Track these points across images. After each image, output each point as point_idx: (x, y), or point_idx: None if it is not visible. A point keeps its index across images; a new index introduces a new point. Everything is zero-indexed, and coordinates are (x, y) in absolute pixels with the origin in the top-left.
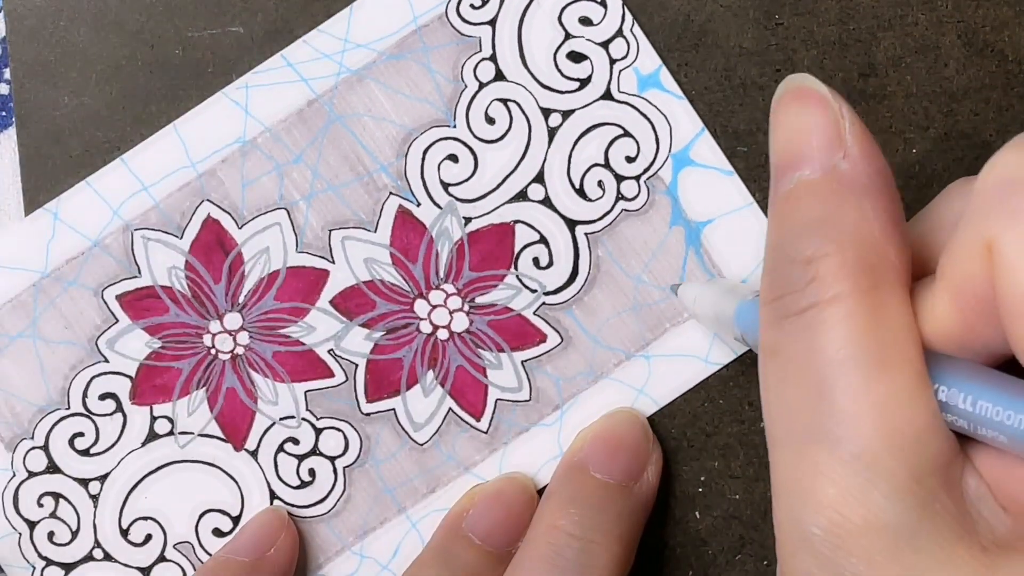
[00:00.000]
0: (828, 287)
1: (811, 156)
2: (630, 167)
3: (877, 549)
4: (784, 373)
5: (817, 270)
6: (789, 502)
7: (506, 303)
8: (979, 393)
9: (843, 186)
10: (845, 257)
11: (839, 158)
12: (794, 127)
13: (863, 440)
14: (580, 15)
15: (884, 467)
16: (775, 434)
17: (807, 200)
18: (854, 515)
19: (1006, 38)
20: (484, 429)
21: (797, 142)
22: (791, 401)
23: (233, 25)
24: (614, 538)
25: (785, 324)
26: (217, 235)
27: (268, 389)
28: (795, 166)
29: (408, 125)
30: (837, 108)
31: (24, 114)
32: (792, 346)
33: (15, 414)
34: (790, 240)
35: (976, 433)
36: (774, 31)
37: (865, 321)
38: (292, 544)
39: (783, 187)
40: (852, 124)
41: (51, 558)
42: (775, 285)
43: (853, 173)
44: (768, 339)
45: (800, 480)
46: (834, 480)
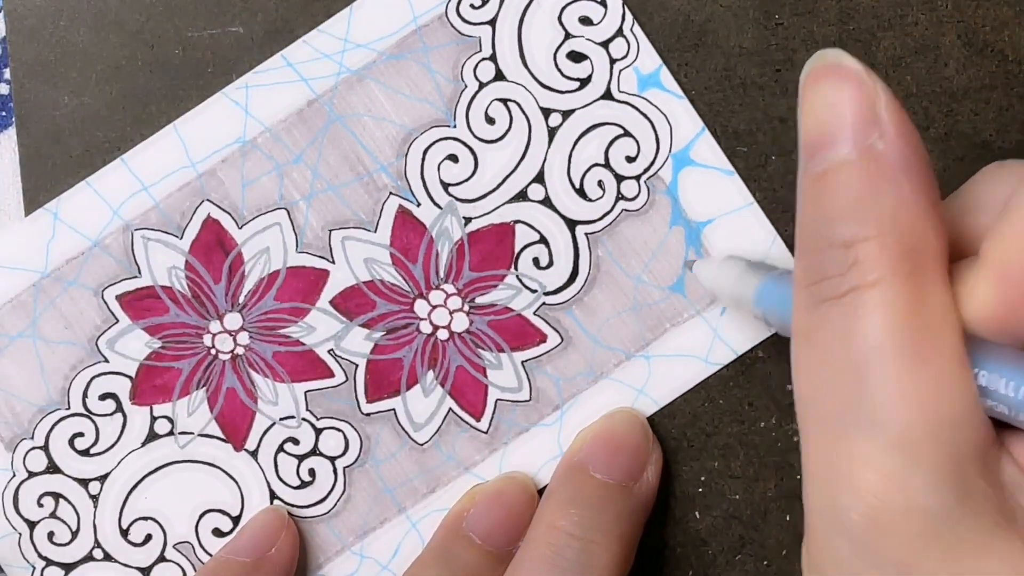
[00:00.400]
0: (869, 271)
1: (845, 135)
2: (630, 167)
3: (916, 534)
4: (821, 358)
5: (858, 254)
6: (824, 487)
7: (506, 303)
8: (1022, 379)
9: (880, 167)
10: (885, 241)
11: (875, 137)
12: (827, 104)
13: (903, 426)
14: (580, 15)
15: (924, 453)
16: (809, 419)
17: (843, 181)
18: (894, 501)
19: (1006, 38)
20: (484, 429)
21: (830, 120)
22: (827, 386)
23: (233, 25)
24: (614, 538)
25: (822, 308)
26: (217, 235)
27: (268, 389)
28: (828, 145)
29: (408, 125)
30: (872, 85)
31: (24, 114)
32: (830, 330)
33: (15, 414)
34: (827, 223)
35: (1018, 419)
36: (774, 31)
37: (906, 306)
38: (292, 544)
39: (816, 167)
40: (888, 102)
41: (51, 558)
42: (812, 269)
43: (890, 153)
44: (804, 323)
45: (836, 465)
46: (873, 465)
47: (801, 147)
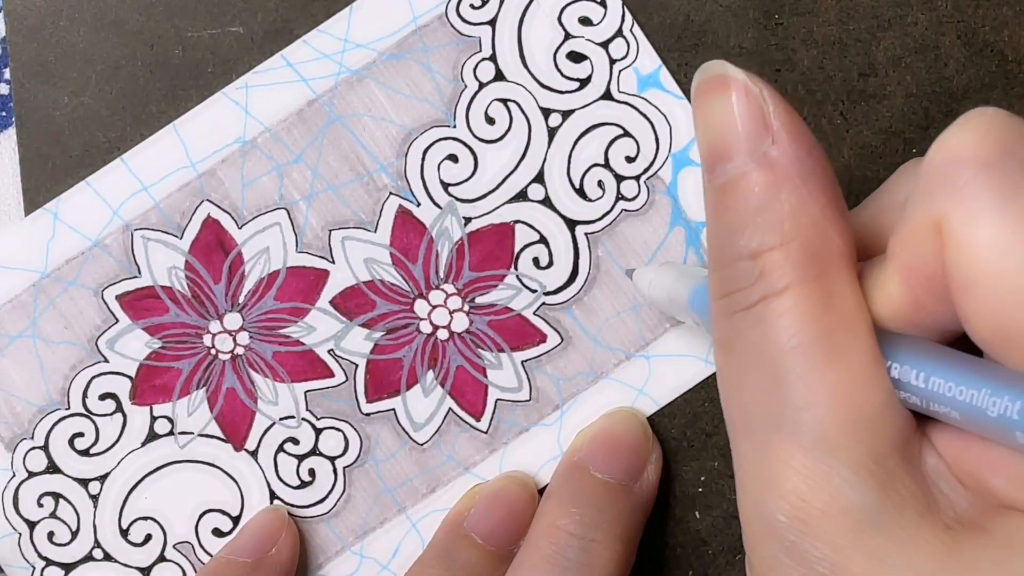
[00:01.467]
0: (776, 280)
1: (739, 146)
2: (630, 167)
3: (841, 532)
4: (740, 366)
5: (764, 264)
6: (753, 492)
7: (506, 303)
8: (931, 370)
9: (776, 174)
10: (790, 248)
11: (768, 145)
12: (717, 117)
13: (821, 425)
14: (580, 15)
15: (843, 450)
16: (735, 426)
17: (742, 192)
18: (816, 500)
19: (1006, 38)
20: (484, 429)
21: (723, 133)
22: (748, 393)
23: (233, 25)
24: (615, 537)
25: (736, 319)
26: (217, 235)
27: (268, 389)
28: (725, 158)
29: (408, 125)
30: (758, 92)
31: (24, 114)
32: (745, 340)
33: (15, 414)
34: (732, 235)
35: (929, 410)
36: (774, 31)
37: (815, 308)
38: (293, 544)
39: (716, 180)
40: (776, 107)
41: (51, 558)
42: (723, 282)
43: (784, 159)
44: (721, 334)
45: (762, 469)
46: (795, 467)
47: (701, 162)
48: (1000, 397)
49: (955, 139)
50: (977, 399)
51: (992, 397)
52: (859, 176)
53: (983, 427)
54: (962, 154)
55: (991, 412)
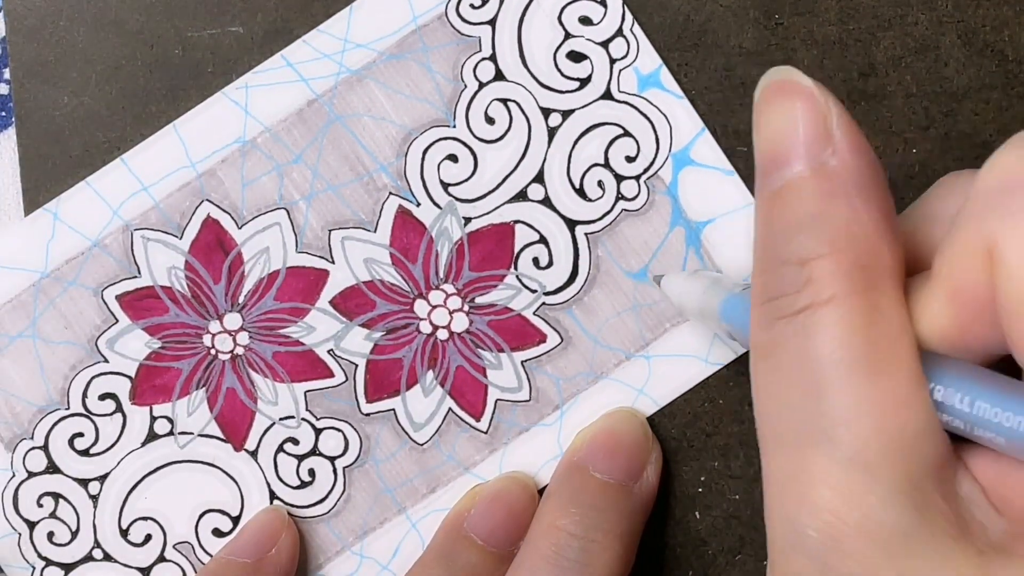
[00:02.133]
0: (823, 289)
1: (798, 153)
2: (630, 167)
3: (872, 552)
4: (778, 375)
5: (812, 272)
6: (783, 504)
7: (506, 303)
8: (977, 393)
9: (833, 183)
10: (839, 258)
11: (828, 154)
12: (780, 123)
13: (859, 442)
14: (580, 15)
15: (880, 469)
16: (768, 436)
17: (797, 199)
18: (850, 518)
19: (1006, 38)
20: (484, 429)
21: (783, 138)
22: (785, 403)
23: (233, 25)
24: (615, 537)
25: (779, 325)
26: (217, 235)
27: (268, 389)
28: (782, 163)
29: (408, 125)
30: (824, 101)
31: (24, 114)
32: (786, 348)
33: (15, 414)
34: (782, 241)
35: (972, 434)
36: (774, 31)
37: (861, 322)
38: (293, 544)
39: (771, 185)
40: (840, 118)
41: (51, 558)
42: (768, 287)
43: (843, 169)
44: (761, 340)
45: (795, 482)
46: (829, 482)
47: (757, 166)
48: None
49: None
50: None
51: None
52: None
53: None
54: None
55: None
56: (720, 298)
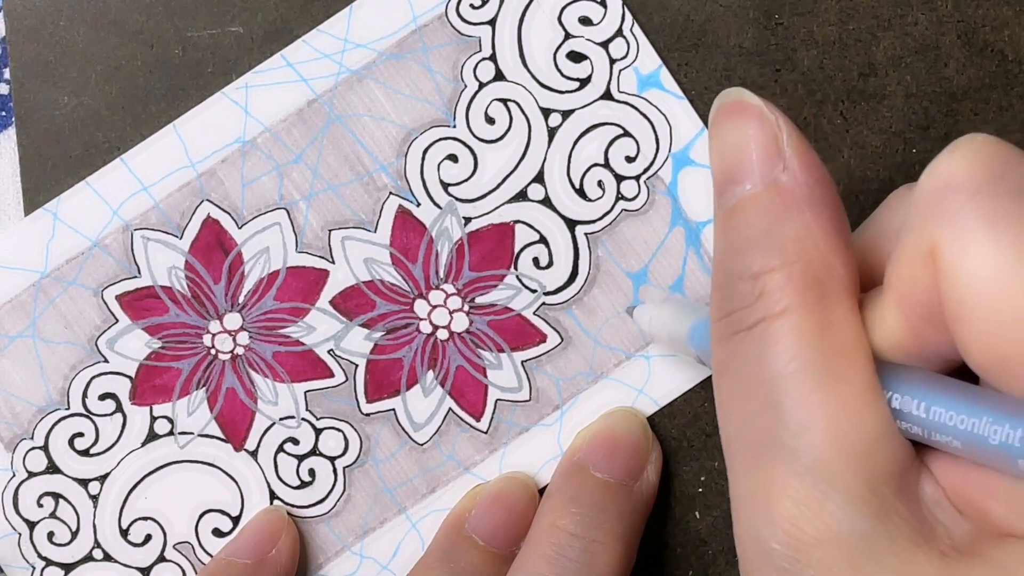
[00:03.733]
0: (775, 302)
1: (751, 170)
2: (630, 167)
3: (834, 561)
4: (736, 388)
5: (764, 285)
6: (748, 517)
7: (506, 303)
8: (932, 399)
9: (784, 198)
10: (791, 271)
11: (779, 170)
12: (732, 142)
13: (816, 452)
14: (580, 15)
15: (838, 478)
16: (731, 450)
17: (750, 215)
18: (810, 528)
19: (1006, 38)
20: (484, 429)
21: (736, 156)
22: (744, 416)
23: (233, 25)
24: (616, 537)
25: (735, 340)
26: (217, 235)
27: (268, 389)
28: (736, 181)
29: (408, 125)
30: (774, 120)
31: (24, 114)
32: (742, 361)
33: (15, 414)
34: (735, 256)
35: (931, 439)
36: (774, 31)
37: (813, 334)
38: (293, 544)
39: (725, 203)
40: (790, 135)
41: (51, 558)
42: (723, 302)
43: (793, 185)
44: (719, 356)
45: (757, 495)
46: (789, 494)
47: (713, 185)
48: (1001, 425)
49: (946, 165)
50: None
51: (993, 425)
52: (859, 176)
53: (985, 455)
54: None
55: (992, 440)
56: (688, 324)
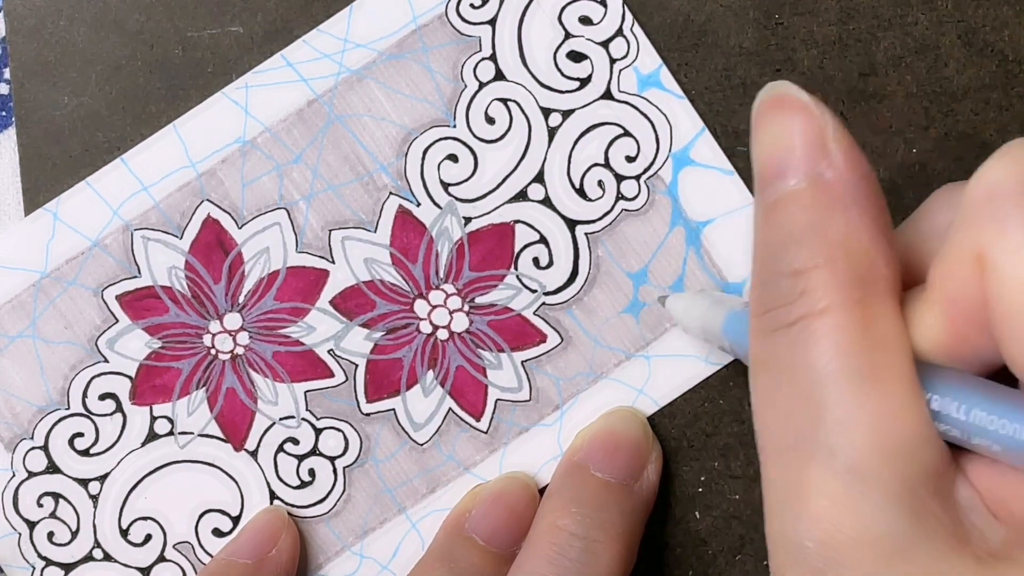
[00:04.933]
0: (818, 299)
1: (795, 165)
2: (630, 167)
3: (870, 561)
4: (775, 385)
5: (807, 282)
6: (782, 515)
7: (506, 303)
8: (973, 402)
9: (829, 195)
10: (834, 268)
11: (824, 166)
12: (777, 136)
13: (855, 451)
14: (580, 14)
15: (876, 478)
16: (766, 446)
17: (793, 211)
18: (846, 527)
19: (1006, 38)
20: (484, 429)
21: (780, 152)
22: (782, 413)
23: (233, 25)
24: (616, 537)
25: (775, 336)
26: (217, 235)
27: (268, 389)
28: (779, 176)
29: (408, 125)
30: (820, 115)
31: (24, 114)
32: (783, 358)
33: (15, 414)
34: (778, 252)
35: (969, 442)
36: (774, 31)
37: (855, 332)
38: (293, 544)
39: (768, 197)
40: (836, 131)
41: (51, 558)
42: (764, 298)
43: (839, 182)
44: (758, 351)
45: (792, 492)
46: (826, 492)
47: (755, 179)
48: None
49: (995, 170)
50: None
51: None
52: None
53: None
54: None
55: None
56: (723, 315)
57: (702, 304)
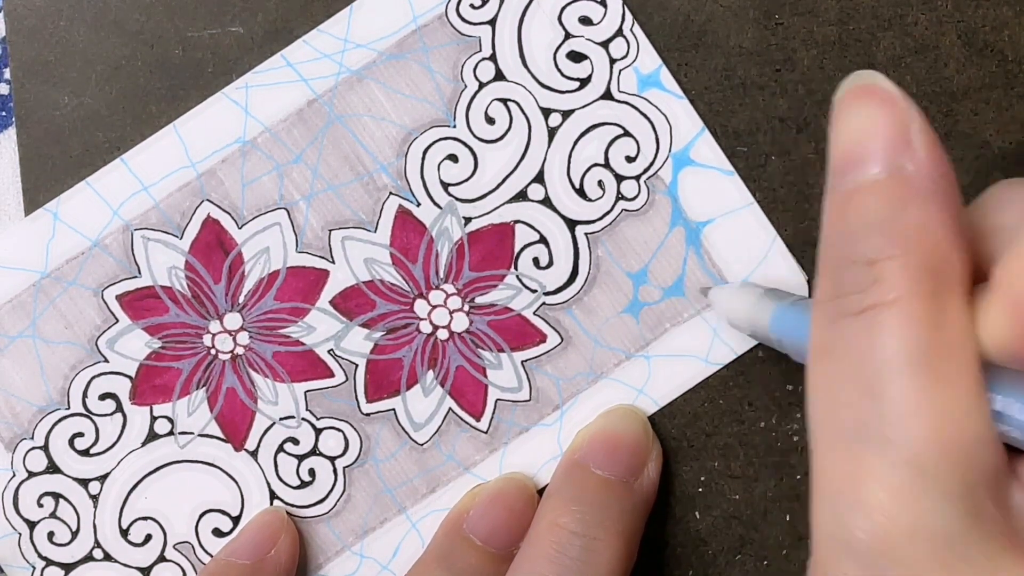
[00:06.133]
0: (890, 289)
1: (876, 155)
2: (630, 167)
3: (924, 557)
4: (835, 372)
5: (880, 272)
6: (833, 504)
7: (506, 303)
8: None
9: (908, 188)
10: (909, 260)
11: (906, 159)
12: (860, 125)
13: (917, 445)
14: (580, 15)
15: (936, 474)
16: (822, 434)
17: (871, 200)
18: (902, 520)
19: (1006, 38)
20: (484, 429)
21: (862, 140)
22: (843, 401)
23: (233, 25)
24: (616, 534)
25: (841, 324)
26: (217, 235)
27: (268, 389)
28: (859, 165)
29: (408, 125)
30: (906, 108)
31: (24, 114)
32: (848, 346)
33: (15, 414)
34: (852, 241)
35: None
36: (774, 31)
37: (926, 325)
38: (293, 545)
39: (845, 185)
40: (920, 126)
41: (51, 558)
42: (834, 285)
43: (919, 176)
44: (821, 338)
45: (847, 482)
46: (884, 484)
47: (831, 165)
48: None
49: None
50: None
51: None
52: None
53: None
54: None
55: None
56: (770, 310)
57: (749, 297)
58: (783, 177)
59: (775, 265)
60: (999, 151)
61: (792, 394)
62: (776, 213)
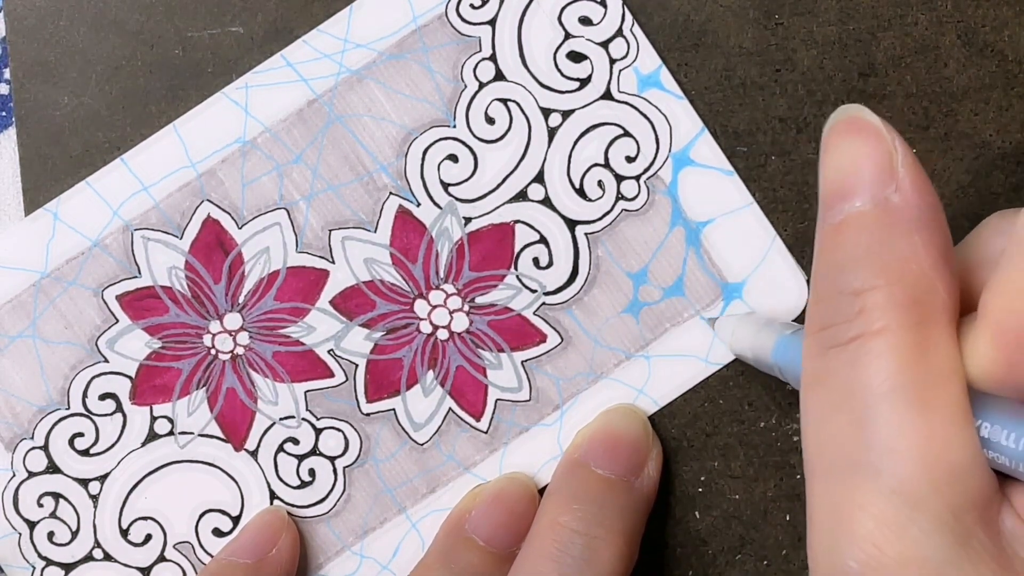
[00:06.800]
0: (875, 319)
1: (862, 187)
2: (630, 167)
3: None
4: (827, 403)
5: (865, 302)
6: (826, 533)
7: (506, 303)
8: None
9: (894, 219)
10: (893, 290)
11: (891, 190)
12: (845, 158)
13: (904, 473)
14: (580, 15)
15: (924, 502)
16: (814, 464)
17: (857, 232)
18: (891, 549)
19: (1006, 38)
20: (484, 429)
21: (848, 173)
22: (833, 431)
23: (233, 25)
24: (617, 533)
25: (830, 354)
26: (217, 235)
27: (268, 389)
28: (845, 197)
29: (408, 125)
30: (890, 140)
31: (24, 114)
32: (836, 376)
33: (15, 414)
34: (838, 271)
35: (1018, 471)
36: (774, 31)
37: (911, 355)
38: (293, 545)
39: (832, 218)
40: (904, 156)
41: (51, 558)
42: (822, 315)
43: (904, 206)
44: (811, 369)
45: (838, 511)
46: (873, 513)
47: (820, 199)
48: None
49: None
50: None
51: None
52: None
53: None
54: None
55: None
56: (773, 340)
57: (751, 326)
58: (783, 177)
59: (775, 265)
60: (999, 151)
61: (792, 394)
62: (776, 213)
